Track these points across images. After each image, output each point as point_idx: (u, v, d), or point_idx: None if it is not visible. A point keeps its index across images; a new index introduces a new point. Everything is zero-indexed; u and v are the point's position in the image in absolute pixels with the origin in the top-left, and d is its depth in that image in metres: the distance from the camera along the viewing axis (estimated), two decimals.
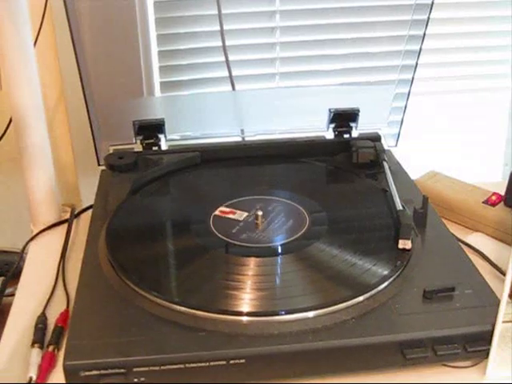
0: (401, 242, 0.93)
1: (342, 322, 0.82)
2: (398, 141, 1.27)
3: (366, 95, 1.28)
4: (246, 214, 1.02)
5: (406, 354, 0.80)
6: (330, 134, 1.25)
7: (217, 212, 1.03)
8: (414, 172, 1.22)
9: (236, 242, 0.95)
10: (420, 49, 1.18)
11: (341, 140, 1.24)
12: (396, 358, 0.81)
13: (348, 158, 1.19)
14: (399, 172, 1.18)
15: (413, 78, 1.21)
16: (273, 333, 0.80)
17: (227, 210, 1.03)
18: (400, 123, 1.25)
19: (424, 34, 1.16)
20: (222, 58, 1.30)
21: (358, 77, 1.42)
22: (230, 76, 1.30)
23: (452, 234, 1.02)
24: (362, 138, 1.23)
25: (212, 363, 0.77)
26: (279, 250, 0.94)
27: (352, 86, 1.41)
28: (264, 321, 0.82)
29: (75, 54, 1.08)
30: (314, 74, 1.45)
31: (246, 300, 0.85)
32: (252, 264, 0.91)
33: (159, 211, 1.07)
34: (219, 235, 0.97)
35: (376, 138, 1.23)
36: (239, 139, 1.29)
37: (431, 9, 1.12)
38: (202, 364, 0.77)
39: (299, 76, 1.45)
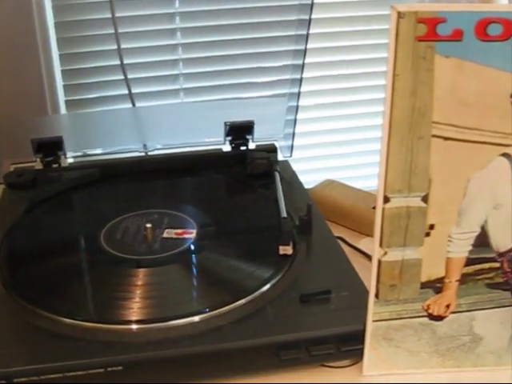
0: (281, 248, 0.96)
1: (218, 327, 0.84)
2: (292, 152, 1.29)
3: (261, 108, 1.31)
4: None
5: (281, 355, 0.82)
6: (227, 147, 1.27)
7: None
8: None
9: (123, 255, 0.97)
10: (303, 63, 1.21)
11: (237, 152, 1.26)
12: (272, 360, 0.83)
13: (244, 169, 1.22)
14: (294, 182, 1.21)
15: (299, 92, 1.24)
16: (150, 340, 0.82)
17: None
18: (292, 135, 1.28)
19: (305, 49, 1.19)
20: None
21: (256, 91, 1.46)
22: (130, 93, 1.33)
23: (337, 239, 1.05)
24: (257, 149, 1.26)
25: (90, 371, 0.79)
26: (165, 260, 0.96)
27: (248, 99, 1.44)
28: (142, 328, 0.84)
29: None
30: (217, 89, 1.47)
31: (126, 309, 0.87)
32: (136, 275, 0.94)
33: (52, 228, 1.09)
34: (108, 249, 0.99)
35: (272, 150, 1.26)
36: (142, 154, 1.30)
37: (309, 24, 1.16)
38: (81, 372, 0.79)
39: (203, 91, 1.48)
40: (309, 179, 1.26)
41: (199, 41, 1.44)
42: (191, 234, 1.02)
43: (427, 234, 0.78)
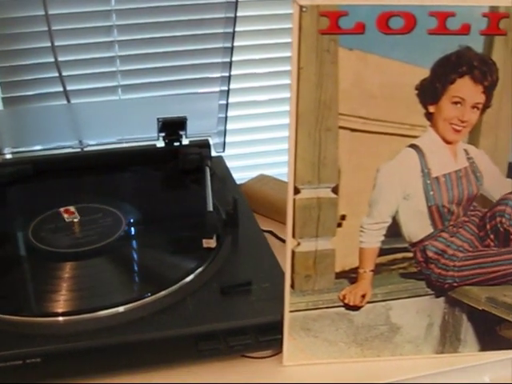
0: (204, 241, 0.97)
1: (138, 319, 0.85)
2: (224, 147, 1.30)
3: (193, 104, 1.32)
4: (64, 221, 1.04)
5: (199, 346, 0.83)
6: (161, 143, 1.28)
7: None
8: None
9: (50, 249, 0.98)
10: (231, 61, 1.22)
11: (170, 148, 1.27)
12: (191, 352, 0.84)
13: (177, 164, 1.23)
14: (227, 177, 1.22)
15: (228, 90, 1.25)
16: (69, 331, 0.83)
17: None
18: (224, 132, 1.29)
19: (232, 46, 1.20)
20: (64, 73, 1.34)
21: (192, 88, 1.47)
22: (64, 89, 1.33)
23: (267, 232, 1.07)
24: (190, 145, 1.26)
25: (8, 363, 0.79)
26: (90, 254, 0.97)
27: (180, 95, 1.45)
28: (64, 320, 0.85)
29: None
30: (155, 86, 1.48)
31: (48, 302, 0.88)
32: (62, 268, 0.94)
33: None
34: (35, 243, 1.00)
35: (205, 145, 1.26)
36: (78, 150, 1.30)
37: (235, 22, 1.17)
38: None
39: (142, 88, 1.49)
40: (248, 176, 1.28)
41: (136, 38, 1.44)
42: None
43: (339, 225, 0.80)
